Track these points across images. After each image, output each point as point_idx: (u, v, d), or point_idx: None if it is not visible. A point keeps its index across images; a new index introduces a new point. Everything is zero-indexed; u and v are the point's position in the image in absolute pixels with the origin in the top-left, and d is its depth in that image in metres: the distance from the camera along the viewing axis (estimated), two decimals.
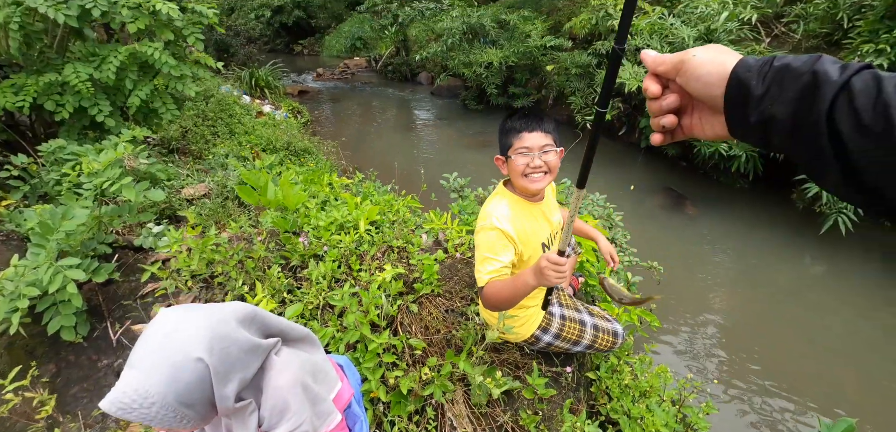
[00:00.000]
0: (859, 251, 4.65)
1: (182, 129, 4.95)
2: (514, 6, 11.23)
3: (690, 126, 0.56)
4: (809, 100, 0.39)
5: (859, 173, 0.38)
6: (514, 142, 1.46)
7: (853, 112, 0.37)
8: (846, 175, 0.39)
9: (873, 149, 0.36)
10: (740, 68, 0.46)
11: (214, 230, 2.34)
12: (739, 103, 0.46)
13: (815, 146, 0.40)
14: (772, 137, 0.44)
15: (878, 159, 0.36)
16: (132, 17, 2.48)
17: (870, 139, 0.36)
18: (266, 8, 19.92)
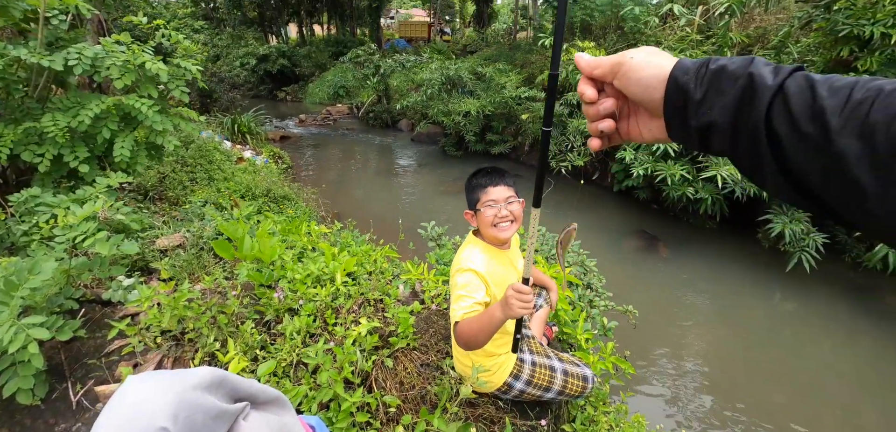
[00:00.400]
0: (825, 287, 4.88)
1: (159, 175, 4.91)
2: (490, 59, 11.81)
3: (628, 130, 0.55)
4: (747, 105, 0.39)
5: (798, 178, 0.38)
6: (481, 197, 1.58)
7: (789, 117, 0.37)
8: (786, 178, 0.39)
9: (812, 155, 0.35)
10: (678, 71, 0.45)
11: (187, 284, 2.32)
12: (679, 108, 0.45)
13: (754, 151, 0.40)
14: (711, 142, 0.44)
15: (816, 165, 0.36)
16: (119, 73, 2.53)
17: (807, 145, 0.35)
18: (251, 56, 20.31)
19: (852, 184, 0.33)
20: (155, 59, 2.55)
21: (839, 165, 0.34)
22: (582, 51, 5.06)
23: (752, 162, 0.41)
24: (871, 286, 4.88)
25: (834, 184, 0.35)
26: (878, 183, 0.32)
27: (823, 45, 5.51)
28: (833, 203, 0.36)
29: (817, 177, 0.36)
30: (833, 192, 0.36)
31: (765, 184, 0.41)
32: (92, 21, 3.20)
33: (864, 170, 0.32)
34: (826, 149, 0.34)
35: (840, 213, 0.37)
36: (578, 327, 2.33)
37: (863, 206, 0.34)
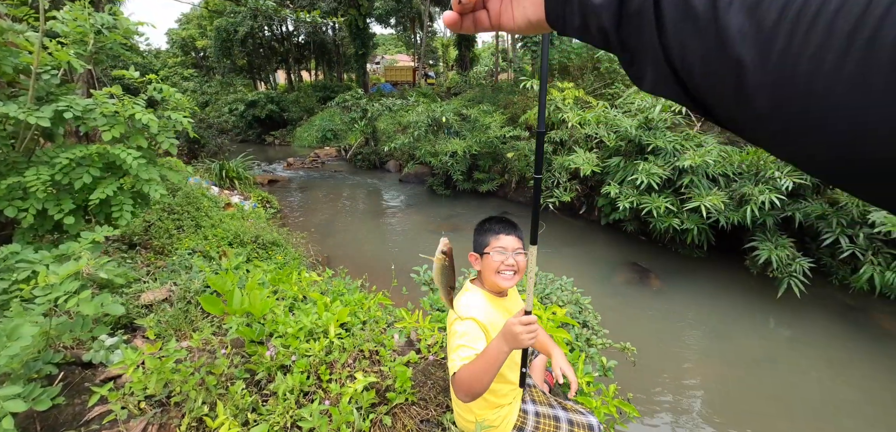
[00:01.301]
0: (819, 311, 4.94)
1: (145, 224, 4.81)
2: (474, 101, 12.15)
3: (498, 12, 0.48)
4: None
5: (679, 61, 0.34)
6: (491, 241, 1.60)
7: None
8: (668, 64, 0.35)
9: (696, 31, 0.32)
10: None
11: (174, 342, 2.23)
12: None
13: (638, 32, 0.36)
14: (594, 21, 0.39)
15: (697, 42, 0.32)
16: (108, 124, 2.51)
17: (694, 22, 0.32)
18: (240, 102, 20.52)
19: (733, 63, 0.30)
20: (145, 111, 2.55)
21: (721, 42, 0.30)
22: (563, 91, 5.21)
23: (635, 47, 0.37)
24: (861, 307, 4.96)
25: (713, 65, 0.31)
26: (760, 60, 0.28)
27: None
28: (709, 90, 0.33)
29: (697, 59, 0.32)
30: (711, 78, 0.32)
31: (645, 76, 0.37)
32: (82, 75, 3.21)
33: (748, 46, 0.29)
34: (711, 23, 0.31)
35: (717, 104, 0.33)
36: (578, 370, 2.30)
37: (741, 89, 0.30)
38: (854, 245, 4.85)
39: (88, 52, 2.63)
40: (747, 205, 5.25)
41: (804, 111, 0.27)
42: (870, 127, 0.24)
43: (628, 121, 6.89)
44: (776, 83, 0.28)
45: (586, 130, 7.42)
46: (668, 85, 0.36)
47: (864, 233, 4.80)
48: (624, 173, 6.62)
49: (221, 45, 23.02)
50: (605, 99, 8.48)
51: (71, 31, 2.61)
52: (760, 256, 5.13)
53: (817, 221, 5.15)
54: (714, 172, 5.87)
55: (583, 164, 6.87)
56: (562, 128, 7.86)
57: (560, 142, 7.96)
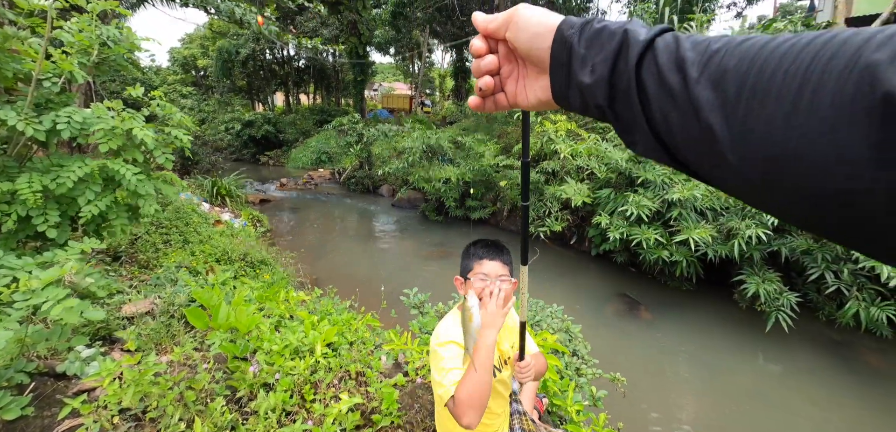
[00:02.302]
0: (808, 345, 4.95)
1: (132, 236, 4.73)
2: (469, 129, 12.33)
3: (515, 93, 0.55)
4: (622, 60, 0.41)
5: (663, 130, 0.39)
6: (475, 267, 1.56)
7: (656, 70, 0.38)
8: (653, 133, 0.40)
9: (672, 104, 0.37)
10: (564, 25, 0.47)
11: (154, 356, 2.17)
12: (563, 63, 0.46)
13: (627, 106, 0.41)
14: (591, 99, 0.44)
15: (675, 115, 0.37)
16: (105, 137, 2.49)
17: (670, 95, 0.37)
18: (237, 121, 20.61)
19: (706, 129, 0.34)
20: (144, 126, 2.55)
21: (695, 112, 0.35)
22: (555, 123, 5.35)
23: (627, 119, 0.42)
24: (848, 342, 4.98)
25: (690, 131, 0.36)
26: (727, 125, 0.33)
27: None
28: (690, 153, 0.37)
29: (677, 127, 0.37)
30: (690, 142, 0.36)
31: (637, 142, 0.42)
32: (81, 86, 3.21)
33: (716, 114, 0.33)
34: (685, 97, 0.35)
35: (698, 165, 0.38)
36: (568, 398, 2.27)
37: (714, 149, 0.34)
38: (839, 280, 4.92)
39: (91, 63, 2.64)
40: (735, 239, 5.32)
41: (768, 162, 0.31)
42: (819, 165, 0.28)
43: (619, 154, 7.02)
44: (742, 142, 0.32)
45: (578, 162, 7.55)
46: (655, 150, 0.41)
47: (848, 269, 4.88)
48: (614, 204, 6.70)
49: (222, 66, 23.27)
50: (596, 132, 8.66)
51: (76, 41, 2.63)
52: (748, 290, 5.17)
53: (803, 256, 5.23)
54: (702, 206, 5.97)
55: (574, 195, 6.96)
56: (554, 158, 7.98)
57: (552, 173, 8.07)
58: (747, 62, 0.33)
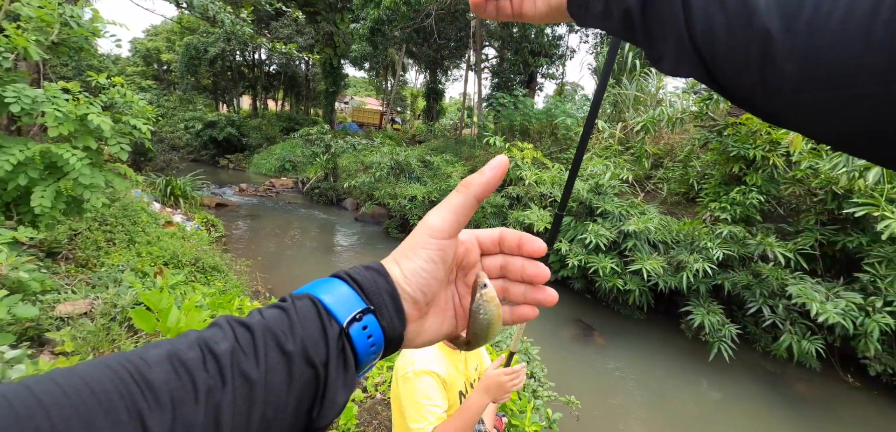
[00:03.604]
0: (746, 374, 5.28)
1: (71, 232, 4.40)
2: (437, 150, 12.49)
3: (521, 2, 0.49)
4: None
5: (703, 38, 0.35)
6: None
7: None
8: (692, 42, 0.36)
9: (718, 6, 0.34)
10: None
11: (91, 359, 2.02)
12: None
13: (665, 11, 0.37)
14: (614, 7, 0.40)
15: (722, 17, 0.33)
16: (56, 120, 2.33)
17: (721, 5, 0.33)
18: (198, 120, 19.76)
19: (760, 33, 0.31)
20: (101, 113, 2.41)
21: (748, 15, 0.32)
22: (522, 150, 5.53)
23: (659, 28, 0.38)
24: (780, 373, 5.37)
25: (739, 37, 0.33)
26: (787, 28, 0.30)
27: (719, 161, 6.52)
28: (733, 63, 0.34)
29: (722, 33, 0.33)
30: (736, 51, 0.33)
31: (666, 56, 0.38)
32: (30, 65, 3.01)
33: (774, 17, 0.31)
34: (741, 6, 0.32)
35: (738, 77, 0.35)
36: (527, 418, 2.31)
37: (767, 56, 0.31)
38: (775, 314, 5.32)
39: (48, 42, 2.48)
40: (683, 272, 5.65)
41: (836, 68, 0.28)
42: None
43: (580, 185, 7.34)
44: (805, 50, 0.29)
45: (541, 189, 7.81)
46: (690, 62, 0.37)
47: (783, 304, 5.29)
48: (574, 232, 6.96)
49: (188, 62, 22.36)
50: (561, 162, 9.02)
51: (35, 16, 2.47)
52: (694, 320, 5.49)
53: (743, 291, 5.63)
54: (655, 238, 6.31)
55: (536, 220, 7.17)
56: (519, 184, 8.22)
57: (516, 198, 8.29)
58: None
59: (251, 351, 0.33)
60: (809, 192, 6.01)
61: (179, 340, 0.33)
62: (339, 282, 0.40)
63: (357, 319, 0.38)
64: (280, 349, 0.34)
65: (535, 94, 16.32)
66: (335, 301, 0.38)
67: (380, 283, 0.41)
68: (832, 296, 4.86)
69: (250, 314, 0.36)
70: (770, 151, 5.69)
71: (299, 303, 0.37)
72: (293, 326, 0.35)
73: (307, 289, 0.40)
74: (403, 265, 0.42)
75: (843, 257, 5.44)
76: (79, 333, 2.40)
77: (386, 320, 0.39)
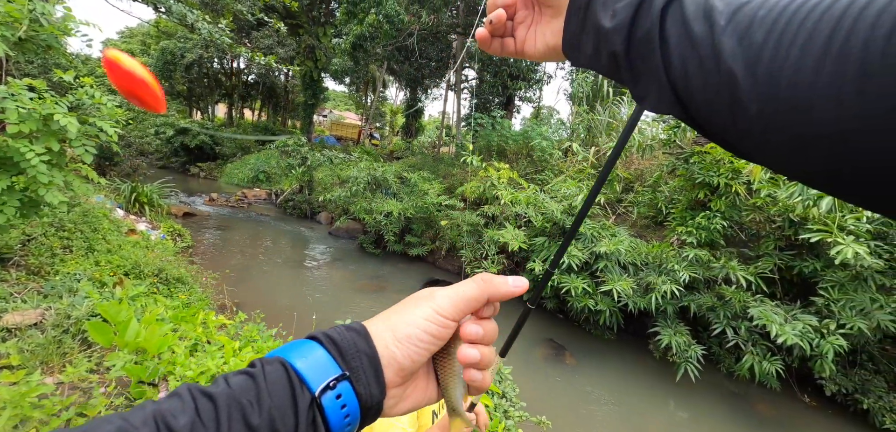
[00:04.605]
0: (710, 395, 5.44)
1: (24, 237, 4.14)
2: (415, 167, 12.52)
3: (524, 40, 0.54)
4: (646, 5, 0.40)
5: (680, 78, 0.38)
6: None
7: (682, 18, 0.37)
8: (669, 82, 0.39)
9: (694, 52, 0.36)
10: None
11: (39, 374, 1.89)
12: (582, 6, 0.45)
13: (645, 53, 0.40)
14: (606, 44, 0.43)
15: (695, 60, 0.36)
16: (18, 118, 2.19)
17: (693, 42, 0.36)
18: (170, 126, 19.16)
19: (726, 76, 0.34)
20: (68, 113, 2.30)
21: (716, 59, 0.34)
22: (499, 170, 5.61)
23: (642, 68, 0.41)
24: (743, 393, 5.56)
25: (710, 79, 0.35)
26: (750, 72, 0.33)
27: (685, 187, 6.80)
28: (706, 104, 0.37)
29: (696, 76, 0.36)
30: (708, 92, 0.36)
31: (649, 95, 0.42)
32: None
33: (738, 61, 0.33)
34: (708, 45, 0.35)
35: (712, 117, 0.37)
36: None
37: (734, 97, 0.34)
38: (737, 336, 5.52)
39: (14, 38, 2.37)
40: (652, 293, 5.82)
41: (791, 108, 0.31)
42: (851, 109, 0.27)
43: (555, 205, 7.49)
44: (766, 87, 0.32)
45: (517, 209, 7.92)
46: (669, 102, 0.40)
47: (745, 326, 5.50)
48: (548, 252, 7.07)
49: (163, 67, 21.72)
50: (536, 182, 9.19)
51: (2, 11, 2.36)
52: (662, 341, 5.63)
53: (708, 312, 5.83)
54: (625, 260, 6.48)
55: (511, 240, 7.25)
56: (494, 203, 8.31)
57: (492, 217, 8.37)
58: (777, 11, 0.33)
59: (213, 425, 0.31)
60: (769, 219, 6.33)
61: (133, 414, 0.31)
62: (315, 344, 0.39)
63: (331, 387, 0.36)
64: (245, 422, 0.32)
65: (512, 116, 16.66)
66: (308, 366, 0.36)
67: (359, 345, 0.39)
68: (790, 319, 5.09)
69: (215, 381, 0.34)
70: (733, 179, 5.98)
71: (269, 368, 0.35)
72: (261, 395, 0.33)
73: (281, 351, 0.38)
74: (398, 328, 0.41)
75: (799, 281, 5.73)
76: (26, 346, 2.25)
77: (362, 386, 0.38)
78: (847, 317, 4.85)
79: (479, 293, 0.45)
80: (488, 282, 0.45)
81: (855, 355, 5.31)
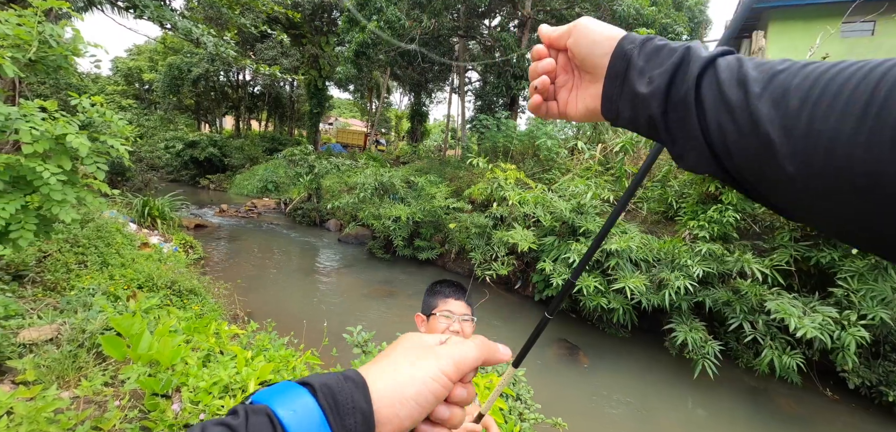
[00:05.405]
0: (729, 392, 5.31)
1: (40, 254, 4.21)
2: (422, 171, 12.53)
3: (566, 102, 0.57)
4: (682, 73, 0.42)
5: (717, 142, 0.39)
6: (439, 304, 1.55)
7: (717, 84, 0.39)
8: (707, 145, 0.40)
9: (730, 117, 0.38)
10: (625, 40, 0.48)
11: (55, 389, 1.91)
12: (620, 73, 0.47)
13: (682, 118, 0.42)
14: (643, 110, 0.45)
15: (733, 126, 0.37)
16: (31, 138, 2.23)
17: (729, 108, 0.38)
18: (179, 140, 19.48)
19: (764, 141, 0.35)
20: (79, 133, 2.34)
21: (753, 125, 0.36)
22: (505, 171, 5.61)
23: (679, 132, 0.43)
24: (763, 389, 5.43)
25: (747, 144, 0.37)
26: (787, 137, 0.34)
27: (695, 181, 6.70)
28: (745, 166, 0.38)
29: (733, 140, 0.38)
30: (746, 155, 0.37)
31: (687, 155, 0.43)
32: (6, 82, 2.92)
33: (775, 127, 0.34)
34: (744, 112, 0.36)
35: (750, 178, 0.39)
36: None
37: (771, 161, 0.35)
38: (755, 330, 5.41)
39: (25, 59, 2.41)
40: (665, 289, 5.73)
41: (829, 172, 0.32)
42: (889, 174, 0.28)
43: (563, 204, 7.43)
44: (803, 152, 0.33)
45: (525, 209, 7.87)
46: (707, 162, 0.42)
47: (762, 320, 5.38)
48: (558, 252, 7.01)
49: (171, 82, 22.11)
50: (544, 182, 9.13)
51: (12, 34, 2.40)
52: (678, 338, 5.53)
53: (724, 307, 5.72)
54: (637, 257, 6.40)
55: (520, 240, 7.20)
56: (502, 205, 8.28)
57: (500, 218, 8.33)
58: (812, 80, 0.34)
59: None
60: None
61: None
62: (304, 392, 0.36)
63: None
64: None
65: (517, 117, 16.61)
66: (295, 418, 0.34)
67: (357, 401, 0.36)
68: (809, 311, 4.97)
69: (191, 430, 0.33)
70: None
71: (253, 418, 0.33)
72: None
73: (266, 397, 0.35)
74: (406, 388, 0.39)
75: (817, 272, 5.60)
76: (43, 361, 2.27)
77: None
78: (868, 307, 4.72)
79: (480, 357, 0.44)
80: (490, 348, 0.45)
81: (878, 346, 5.17)
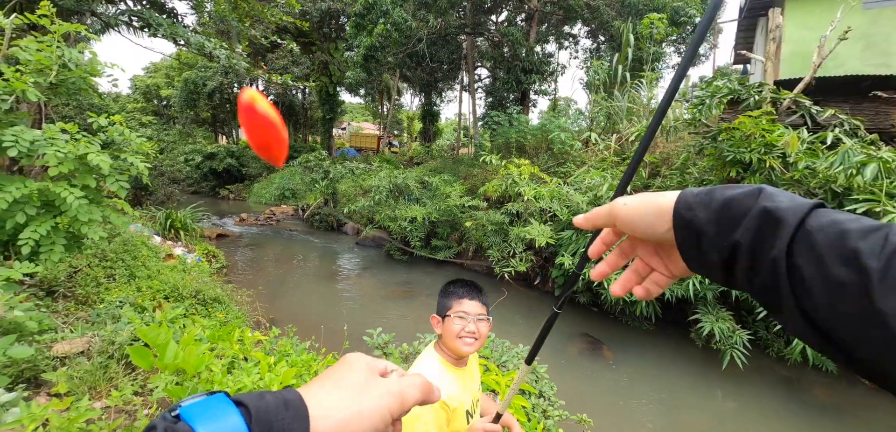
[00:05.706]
0: (760, 382, 5.14)
1: (71, 269, 4.36)
2: (435, 170, 12.54)
3: (663, 270, 0.53)
4: (769, 236, 0.37)
5: (824, 325, 0.34)
6: (454, 305, 1.53)
7: (816, 257, 0.34)
8: (806, 321, 0.35)
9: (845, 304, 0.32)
10: (682, 208, 0.44)
11: (87, 400, 1.96)
12: (693, 245, 0.43)
13: (772, 287, 0.37)
14: (731, 274, 0.41)
15: (849, 315, 0.32)
16: (56, 161, 2.32)
17: (842, 292, 0.32)
18: (197, 153, 19.98)
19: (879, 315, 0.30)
20: (100, 152, 2.42)
21: (881, 321, 0.30)
22: (519, 166, 5.58)
23: (771, 298, 0.38)
24: (797, 378, 5.24)
25: (874, 336, 0.31)
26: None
27: (715, 167, 6.51)
28: (870, 354, 0.32)
29: (850, 327, 0.32)
30: (872, 342, 0.31)
31: (784, 323, 0.38)
32: (31, 106, 3.04)
33: None
34: (865, 301, 0.31)
35: (875, 368, 0.33)
36: None
37: None
38: None
39: (47, 83, 2.51)
40: (688, 279, 5.59)
41: None
42: None
43: (580, 197, 7.33)
44: None
45: (541, 204, 7.80)
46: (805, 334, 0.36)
47: None
48: (576, 245, 6.92)
49: (187, 97, 22.72)
50: (559, 176, 9.03)
51: (34, 59, 2.50)
52: (704, 328, 5.39)
53: None
54: None
55: (538, 236, 7.14)
56: (518, 200, 8.21)
57: (516, 214, 8.27)
58: None
59: None
60: (809, 192, 5.99)
61: None
62: (235, 413, 0.32)
63: None
64: None
65: (528, 111, 16.48)
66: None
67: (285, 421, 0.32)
68: None
69: None
70: (766, 154, 5.68)
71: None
72: None
73: (193, 413, 0.32)
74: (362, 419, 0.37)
75: None
76: (75, 373, 2.35)
77: None
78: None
79: (420, 399, 0.43)
80: (429, 388, 0.45)
81: None
